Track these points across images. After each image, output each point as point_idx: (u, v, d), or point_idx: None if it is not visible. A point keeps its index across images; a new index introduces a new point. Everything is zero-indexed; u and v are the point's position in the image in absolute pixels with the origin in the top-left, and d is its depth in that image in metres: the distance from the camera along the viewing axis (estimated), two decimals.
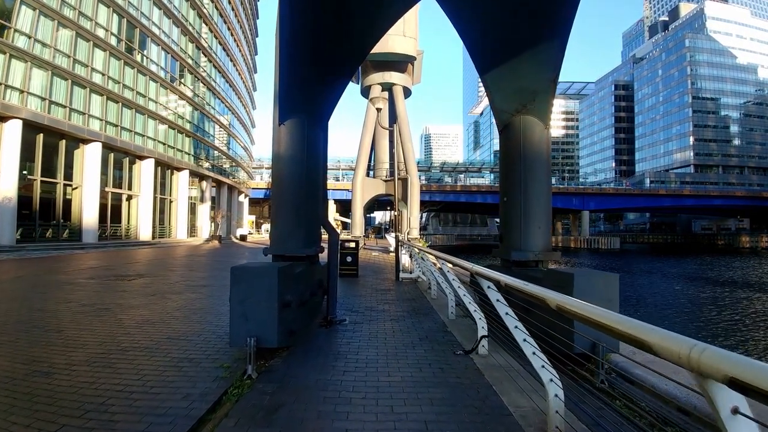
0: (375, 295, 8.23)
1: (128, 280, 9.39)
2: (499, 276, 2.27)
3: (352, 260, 10.96)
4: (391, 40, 21.39)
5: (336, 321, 5.53)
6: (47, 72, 21.27)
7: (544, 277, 4.38)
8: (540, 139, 5.60)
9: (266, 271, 3.66)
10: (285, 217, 5.28)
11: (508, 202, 5.78)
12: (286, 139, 5.19)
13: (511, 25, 5.10)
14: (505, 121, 5.87)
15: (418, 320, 5.90)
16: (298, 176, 5.22)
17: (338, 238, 5.81)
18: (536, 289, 1.89)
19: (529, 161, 5.56)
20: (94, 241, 23.51)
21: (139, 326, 5.21)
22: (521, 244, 5.54)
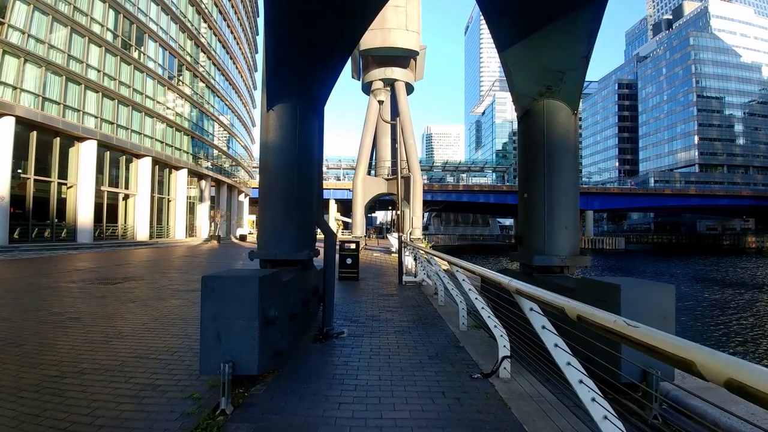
0: (377, 301, 7.58)
1: (112, 283, 8.76)
2: (551, 297, 1.64)
3: (353, 262, 10.31)
4: (393, 34, 20.75)
5: (333, 334, 4.88)
6: (41, 68, 20.73)
7: (579, 288, 3.72)
8: (566, 126, 4.93)
9: (245, 281, 3.02)
10: (274, 216, 4.64)
11: (529, 199, 5.10)
12: (275, 127, 4.55)
13: None
14: (525, 106, 5.19)
15: (426, 332, 5.24)
16: (289, 169, 4.58)
17: (335, 240, 5.17)
18: (620, 324, 1.25)
19: (554, 152, 4.88)
20: (89, 241, 22.94)
21: (106, 341, 4.58)
22: (545, 247, 4.86)
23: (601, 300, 3.22)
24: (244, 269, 3.55)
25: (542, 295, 1.70)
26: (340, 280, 10.11)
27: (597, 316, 1.27)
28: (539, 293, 1.76)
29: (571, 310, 1.43)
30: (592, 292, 3.40)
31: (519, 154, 5.63)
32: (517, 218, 49.59)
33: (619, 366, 3.04)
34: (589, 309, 1.30)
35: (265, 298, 3.11)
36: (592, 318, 1.28)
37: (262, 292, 3.03)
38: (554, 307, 1.60)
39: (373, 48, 21.19)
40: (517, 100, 5.33)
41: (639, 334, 1.17)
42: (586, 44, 4.52)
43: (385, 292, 8.64)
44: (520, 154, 5.56)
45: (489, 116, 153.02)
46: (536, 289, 1.84)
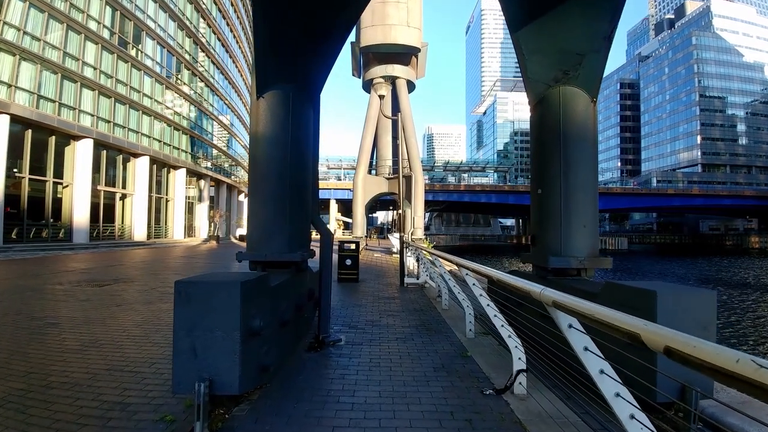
0: (377, 304, 7.19)
1: (100, 285, 8.38)
2: (614, 316, 1.23)
3: (352, 263, 9.92)
4: (394, 30, 20.34)
5: (329, 342, 4.48)
6: (36, 66, 20.40)
7: (603, 294, 3.32)
8: (585, 115, 4.53)
9: (223, 286, 2.63)
10: (264, 214, 4.25)
11: (543, 195, 4.68)
12: (266, 116, 4.15)
13: None
14: (539, 94, 4.77)
15: (430, 339, 4.85)
16: (281, 161, 4.18)
17: (332, 239, 4.77)
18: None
19: (571, 144, 4.46)
20: (85, 241, 22.58)
21: (82, 350, 4.19)
22: (561, 247, 4.44)
23: (631, 308, 2.82)
24: (226, 272, 3.15)
25: (596, 312, 1.31)
26: (340, 281, 9.73)
27: (709, 353, 0.87)
28: (589, 308, 1.37)
29: (654, 338, 1.04)
30: (620, 299, 3.00)
31: (532, 146, 5.21)
32: (519, 218, 49.32)
33: (655, 382, 2.66)
34: (690, 340, 0.93)
35: (249, 306, 2.72)
36: (700, 356, 0.88)
37: (244, 299, 2.63)
38: (622, 330, 1.19)
39: (374, 44, 20.79)
40: (530, 87, 4.91)
41: None
42: (608, 22, 4.11)
43: (386, 294, 8.25)
44: (533, 146, 5.14)
45: (490, 116, 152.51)
46: (583, 303, 1.45)
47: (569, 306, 1.51)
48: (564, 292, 2.25)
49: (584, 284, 4.06)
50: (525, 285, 2.00)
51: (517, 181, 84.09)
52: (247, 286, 2.68)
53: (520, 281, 2.04)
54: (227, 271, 3.38)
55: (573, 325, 1.66)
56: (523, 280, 2.03)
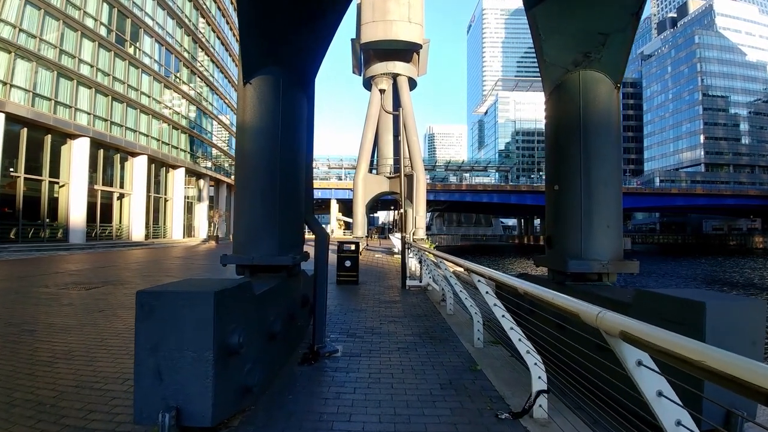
0: (377, 308, 6.79)
1: (87, 289, 8.00)
2: (695, 348, 0.87)
3: (352, 265, 9.53)
4: (395, 26, 19.91)
5: (324, 353, 4.09)
6: (32, 63, 20.07)
7: (636, 303, 2.91)
8: (608, 102, 4.11)
9: (193, 297, 2.23)
10: (252, 212, 3.85)
11: (561, 192, 4.25)
12: (254, 103, 3.76)
13: None
14: (557, 79, 4.33)
15: (435, 350, 4.45)
16: (270, 155, 3.79)
17: (328, 240, 4.38)
18: None
19: (593, 134, 4.03)
20: (81, 241, 22.24)
21: (52, 361, 3.81)
22: (582, 249, 4.02)
23: (673, 322, 2.43)
24: (202, 280, 2.74)
25: (693, 350, 0.92)
26: (339, 284, 9.34)
27: None
28: (677, 342, 0.97)
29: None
30: (658, 311, 2.60)
31: (547, 138, 4.77)
32: (520, 218, 48.95)
33: (701, 409, 2.27)
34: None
35: (225, 320, 2.32)
36: None
37: (219, 311, 2.23)
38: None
39: (375, 41, 20.37)
40: (546, 72, 4.47)
41: None
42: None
43: (387, 298, 7.85)
44: (548, 138, 4.71)
45: (492, 116, 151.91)
46: (664, 335, 1.05)
47: (644, 339, 1.12)
48: (586, 300, 1.86)
49: (609, 291, 3.64)
50: (573, 305, 1.57)
51: (518, 180, 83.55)
52: (223, 297, 2.28)
53: (566, 299, 1.61)
54: (205, 278, 2.98)
55: (644, 362, 1.26)
56: (569, 298, 1.61)
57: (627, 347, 1.25)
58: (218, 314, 2.22)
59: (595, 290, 3.67)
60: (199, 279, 2.78)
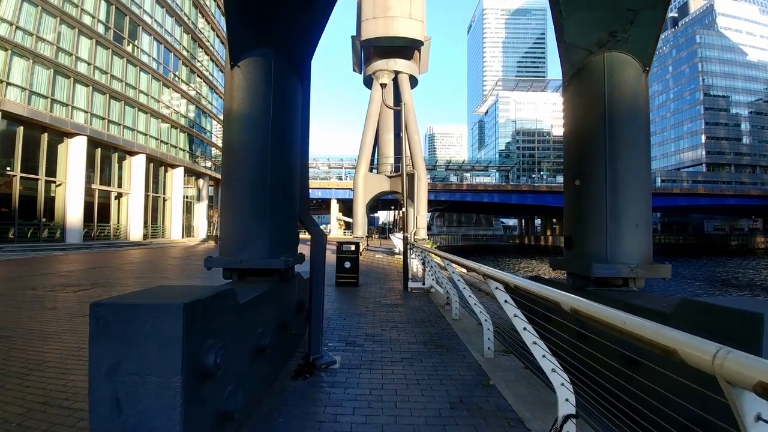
0: (378, 313, 6.45)
1: (75, 291, 7.67)
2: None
3: (352, 266, 9.19)
4: (396, 22, 19.56)
5: (321, 365, 3.75)
6: (29, 61, 19.78)
7: (678, 314, 2.57)
8: (636, 87, 3.75)
9: (158, 310, 1.87)
10: (240, 211, 3.51)
11: (583, 187, 3.88)
12: (242, 89, 3.42)
13: None
14: (578, 62, 3.95)
15: (442, 360, 4.11)
16: (261, 146, 3.45)
17: (325, 241, 4.04)
18: None
19: (620, 122, 3.67)
20: (78, 241, 21.93)
21: (24, 373, 3.49)
22: (607, 252, 3.65)
23: (723, 336, 2.09)
24: (174, 287, 2.37)
25: None
26: (338, 286, 9.01)
27: None
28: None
29: None
30: (704, 323, 2.26)
31: (567, 128, 4.39)
32: (521, 218, 48.36)
33: None
34: None
35: (199, 337, 1.97)
36: None
37: (190, 327, 1.87)
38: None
39: (375, 38, 20.01)
40: (567, 54, 4.08)
41: None
42: None
43: (389, 301, 7.51)
44: (568, 128, 4.33)
45: (492, 116, 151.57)
46: None
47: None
48: (618, 308, 1.52)
49: (641, 299, 3.28)
50: (674, 338, 1.16)
51: (519, 180, 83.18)
52: (196, 309, 1.92)
53: (662, 330, 1.21)
54: (181, 285, 2.61)
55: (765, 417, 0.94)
56: (665, 328, 1.22)
57: (753, 399, 0.91)
58: (189, 330, 1.85)
59: (624, 297, 3.31)
60: (172, 286, 2.42)
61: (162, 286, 2.40)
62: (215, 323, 2.15)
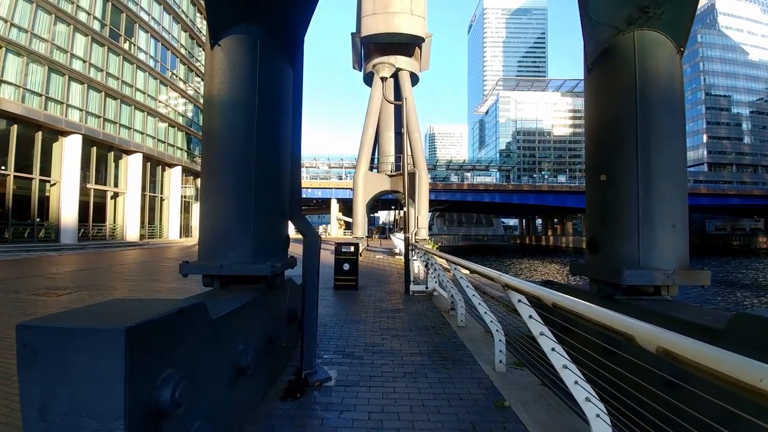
0: (379, 319, 6.06)
1: (58, 295, 7.28)
2: None
3: (351, 268, 8.79)
4: (397, 18, 19.15)
5: (313, 382, 3.35)
6: (23, 58, 19.40)
7: (733, 331, 2.18)
8: (670, 70, 3.35)
9: (93, 336, 1.46)
10: (220, 209, 3.11)
11: (610, 183, 3.42)
12: (223, 71, 3.03)
13: None
14: (604, 42, 3.52)
15: (449, 375, 3.71)
16: (244, 136, 3.04)
17: (319, 244, 3.64)
18: None
19: (654, 110, 3.24)
20: (73, 242, 21.54)
21: None
22: (640, 256, 3.22)
23: None
24: (129, 302, 1.96)
25: None
26: (336, 289, 8.61)
27: None
28: None
29: None
30: (764, 340, 1.86)
31: (589, 116, 3.95)
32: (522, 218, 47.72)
33: None
34: None
35: (151, 368, 1.56)
36: None
37: (137, 356, 1.49)
38: None
39: (375, 34, 19.59)
40: (591, 33, 3.65)
41: None
42: None
43: (389, 306, 7.11)
44: (590, 116, 3.88)
45: (492, 116, 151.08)
46: None
47: None
48: (658, 323, 1.14)
49: (683, 311, 2.86)
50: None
51: (520, 180, 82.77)
52: (145, 333, 1.53)
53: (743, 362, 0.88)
54: (141, 299, 2.18)
55: None
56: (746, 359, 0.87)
57: None
58: (135, 361, 1.47)
59: (660, 308, 2.90)
60: (125, 301, 2.01)
61: (112, 302, 1.99)
62: (177, 348, 1.75)
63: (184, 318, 1.82)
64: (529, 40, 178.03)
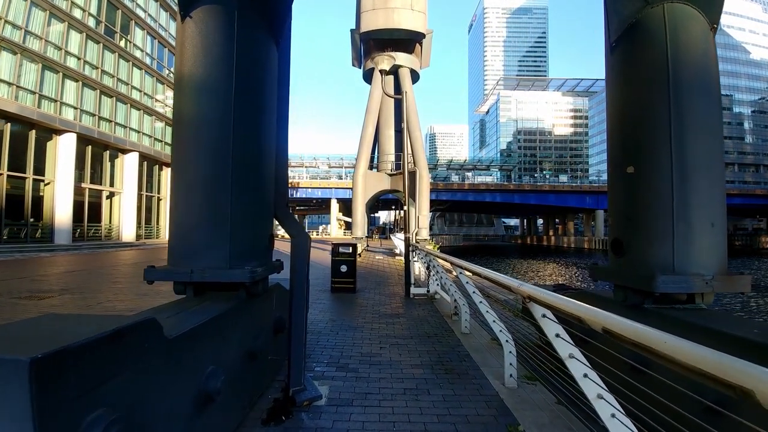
0: (377, 325, 5.67)
1: (40, 298, 6.89)
2: None
3: (348, 270, 8.40)
4: (397, 14, 18.76)
5: (301, 402, 2.96)
6: (16, 55, 19.05)
7: None
8: (705, 48, 2.95)
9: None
10: (191, 205, 2.71)
11: (640, 175, 2.98)
12: (195, 46, 2.63)
13: None
14: (628, 17, 3.13)
15: (454, 392, 3.31)
16: (219, 122, 2.64)
17: (309, 245, 3.24)
18: None
19: (689, 91, 2.83)
20: (67, 242, 21.17)
21: None
22: (675, 259, 2.79)
23: None
24: (55, 319, 1.57)
25: None
26: (333, 291, 8.22)
27: None
28: None
29: None
30: None
31: (612, 98, 3.51)
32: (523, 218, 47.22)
33: None
34: None
35: (68, 409, 1.17)
36: None
37: (47, 396, 1.10)
38: None
39: (375, 30, 19.21)
40: (615, 6, 3.23)
41: None
42: None
43: (389, 310, 6.72)
44: (615, 98, 3.45)
45: (493, 115, 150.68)
46: None
47: None
48: (698, 339, 0.77)
49: (730, 323, 2.45)
50: None
51: (521, 180, 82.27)
52: (61, 364, 1.15)
53: None
54: (77, 315, 1.78)
55: None
56: None
57: None
58: (47, 400, 1.10)
59: (702, 321, 2.50)
60: (65, 318, 1.60)
61: (47, 317, 1.59)
62: (111, 380, 1.36)
63: (124, 341, 1.43)
64: (529, 40, 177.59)
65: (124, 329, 1.45)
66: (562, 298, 1.70)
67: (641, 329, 1.19)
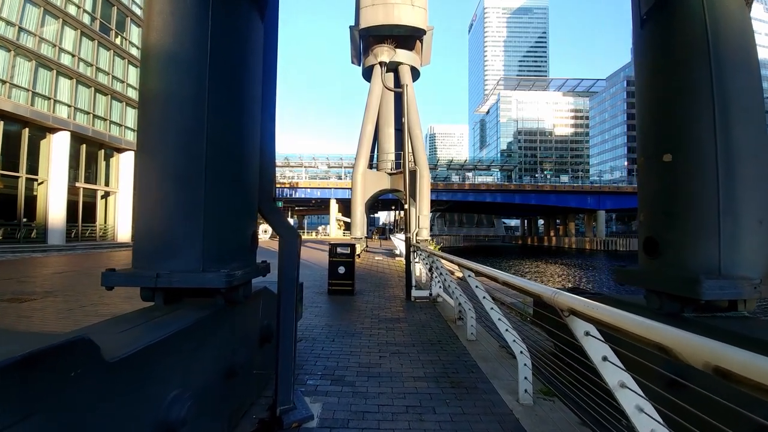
0: (376, 331, 5.29)
1: (22, 300, 6.52)
2: None
3: (347, 271, 8.02)
4: (397, 9, 18.40)
5: (289, 423, 2.58)
6: (9, 53, 18.70)
7: None
8: (742, 22, 2.60)
9: None
10: (160, 199, 2.34)
11: (677, 165, 2.57)
12: (164, 13, 2.26)
13: None
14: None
15: (462, 409, 2.94)
16: (192, 103, 2.25)
17: (299, 245, 2.86)
18: None
19: (732, 71, 2.44)
20: (61, 242, 20.80)
21: None
22: (721, 261, 2.41)
23: None
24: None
25: None
26: (330, 294, 7.84)
27: None
28: None
29: None
30: None
31: (643, 78, 3.05)
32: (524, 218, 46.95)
33: None
34: None
35: None
36: None
37: None
38: None
39: (375, 26, 18.86)
40: None
41: None
42: None
43: (389, 314, 6.34)
44: (645, 79, 2.99)
45: (493, 115, 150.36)
46: None
47: None
48: None
49: None
50: None
51: (521, 180, 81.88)
52: None
53: None
54: (6, 331, 1.42)
55: None
56: None
57: None
58: None
59: (758, 332, 2.12)
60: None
61: None
62: (22, 423, 1.00)
63: (40, 368, 1.06)
64: (530, 40, 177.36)
65: (39, 353, 1.08)
66: (624, 314, 1.32)
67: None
